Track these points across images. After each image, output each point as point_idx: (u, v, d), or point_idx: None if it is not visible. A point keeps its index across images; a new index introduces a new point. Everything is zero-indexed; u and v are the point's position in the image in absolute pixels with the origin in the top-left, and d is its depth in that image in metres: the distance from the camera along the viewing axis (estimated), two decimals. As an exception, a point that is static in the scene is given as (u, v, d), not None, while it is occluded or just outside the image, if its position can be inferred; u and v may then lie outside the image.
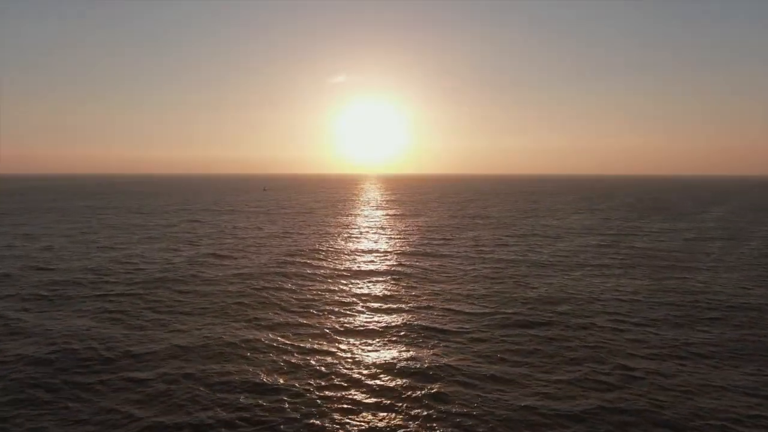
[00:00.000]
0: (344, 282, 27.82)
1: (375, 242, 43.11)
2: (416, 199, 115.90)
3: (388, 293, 25.24)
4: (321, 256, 35.74)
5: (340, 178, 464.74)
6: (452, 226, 55.80)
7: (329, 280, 28.23)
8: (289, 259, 34.43)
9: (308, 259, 34.76)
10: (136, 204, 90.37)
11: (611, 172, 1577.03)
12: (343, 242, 43.11)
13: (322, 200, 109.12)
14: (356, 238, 46.05)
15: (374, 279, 28.58)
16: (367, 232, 50.67)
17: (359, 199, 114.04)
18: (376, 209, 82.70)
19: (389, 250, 38.95)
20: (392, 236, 47.10)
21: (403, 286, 26.88)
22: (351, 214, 71.74)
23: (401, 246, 40.87)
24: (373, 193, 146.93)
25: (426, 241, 43.32)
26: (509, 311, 22.16)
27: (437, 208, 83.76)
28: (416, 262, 33.71)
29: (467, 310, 22.27)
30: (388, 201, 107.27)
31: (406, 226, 55.46)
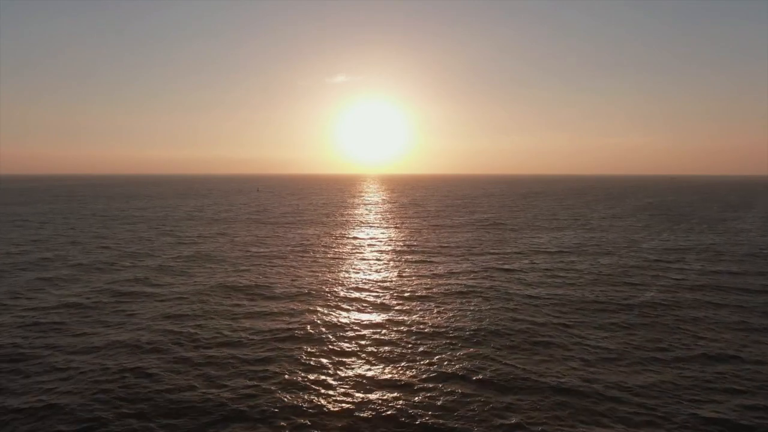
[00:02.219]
0: (320, 347, 19.56)
1: (369, 264, 34.86)
2: (419, 201, 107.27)
3: (383, 373, 16.98)
4: (293, 295, 27.49)
5: (341, 179, 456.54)
6: (468, 240, 47.12)
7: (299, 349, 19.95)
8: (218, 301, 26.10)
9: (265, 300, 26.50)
10: (104, 207, 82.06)
11: (611, 173, 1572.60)
12: (329, 269, 34.88)
13: (319, 203, 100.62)
14: (346, 259, 37.80)
15: (363, 333, 20.33)
16: (360, 251, 42.36)
17: (358, 202, 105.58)
18: (375, 214, 74.25)
19: (386, 278, 30.58)
20: (391, 258, 38.73)
21: (404, 353, 18.60)
22: (346, 221, 63.35)
23: (401, 274, 32.46)
24: (373, 195, 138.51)
25: (435, 268, 34.85)
26: (573, 411, 13.86)
27: (442, 212, 75.13)
28: (422, 304, 25.26)
29: (498, 406, 13.92)
30: (388, 205, 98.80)
31: (408, 240, 46.93)
